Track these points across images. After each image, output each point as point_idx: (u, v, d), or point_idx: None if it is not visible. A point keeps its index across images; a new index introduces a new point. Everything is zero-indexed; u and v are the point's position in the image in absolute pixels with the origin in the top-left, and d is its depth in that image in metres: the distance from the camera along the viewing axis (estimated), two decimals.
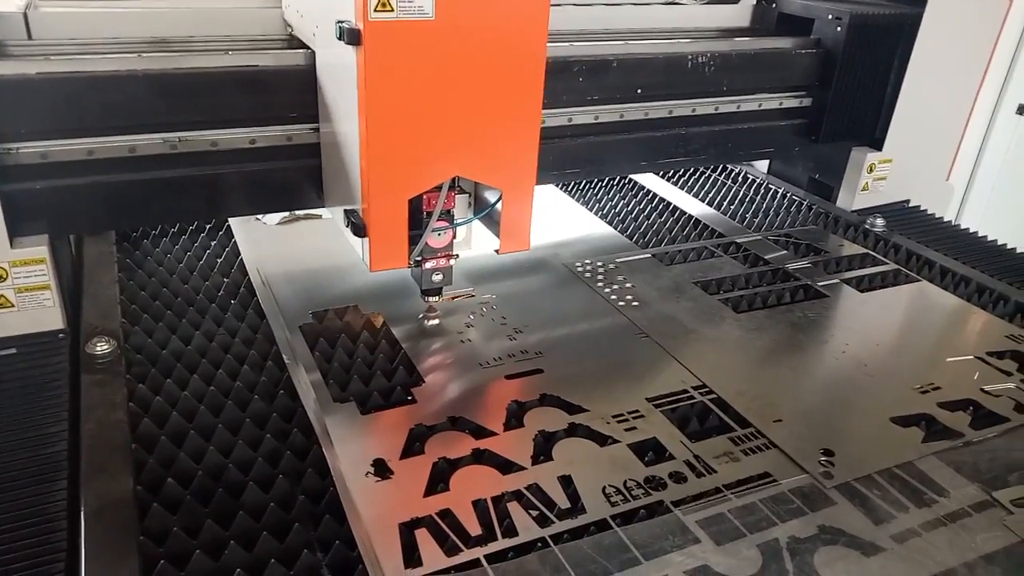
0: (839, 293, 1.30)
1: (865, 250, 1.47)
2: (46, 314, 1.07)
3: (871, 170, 1.64)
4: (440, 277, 1.08)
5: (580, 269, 1.32)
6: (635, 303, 1.23)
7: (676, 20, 1.57)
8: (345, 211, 1.02)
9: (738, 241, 1.47)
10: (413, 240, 1.01)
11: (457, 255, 1.08)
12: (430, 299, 1.12)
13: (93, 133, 1.05)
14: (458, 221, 1.06)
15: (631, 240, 1.47)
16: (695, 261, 1.39)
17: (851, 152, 1.66)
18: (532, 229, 1.08)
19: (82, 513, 0.77)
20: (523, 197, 1.04)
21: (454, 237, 1.07)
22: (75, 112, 1.03)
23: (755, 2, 1.65)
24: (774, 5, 1.63)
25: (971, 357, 1.14)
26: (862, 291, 1.32)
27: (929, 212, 1.69)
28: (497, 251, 1.07)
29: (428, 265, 1.06)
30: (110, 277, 1.19)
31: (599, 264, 1.35)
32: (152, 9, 1.19)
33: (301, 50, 1.13)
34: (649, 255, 1.40)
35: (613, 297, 1.24)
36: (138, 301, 1.14)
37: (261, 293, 1.18)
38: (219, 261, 1.27)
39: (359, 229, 0.98)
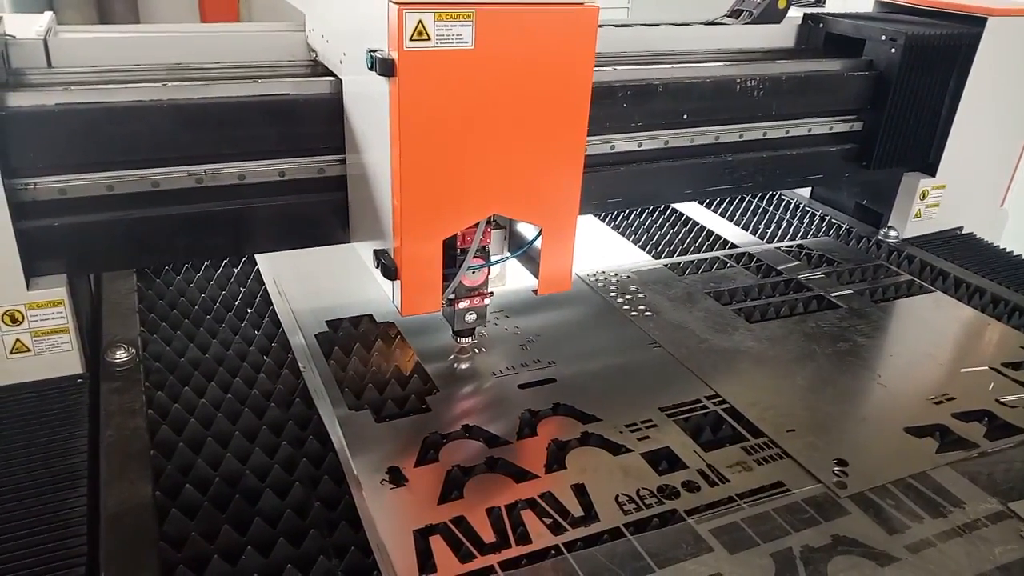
0: (852, 304, 1.30)
1: (879, 261, 1.47)
2: (64, 359, 1.01)
3: (924, 196, 1.56)
4: (474, 317, 1.01)
5: (593, 279, 1.33)
6: (648, 313, 1.23)
7: (719, 40, 1.50)
8: (375, 251, 0.95)
9: (751, 252, 1.47)
10: (446, 278, 0.94)
11: (492, 292, 1.02)
12: (462, 340, 1.06)
13: (115, 167, 0.99)
14: (494, 259, 0.99)
15: (644, 251, 1.48)
16: (707, 272, 1.40)
17: (903, 178, 1.57)
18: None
19: (102, 518, 0.78)
20: (565, 235, 0.96)
21: (488, 274, 1.00)
22: (96, 145, 0.96)
23: (800, 22, 1.58)
24: (821, 25, 1.56)
25: (986, 368, 1.14)
26: (875, 302, 1.32)
27: (984, 239, 1.63)
28: (535, 291, 0.99)
29: (462, 305, 1.00)
30: (129, 286, 1.21)
31: (612, 274, 1.35)
32: (173, 34, 1.14)
33: (327, 78, 1.06)
34: (662, 265, 1.40)
35: (626, 307, 1.24)
36: (156, 310, 1.15)
37: (277, 302, 1.19)
38: (236, 271, 1.29)
39: (390, 271, 0.91)
